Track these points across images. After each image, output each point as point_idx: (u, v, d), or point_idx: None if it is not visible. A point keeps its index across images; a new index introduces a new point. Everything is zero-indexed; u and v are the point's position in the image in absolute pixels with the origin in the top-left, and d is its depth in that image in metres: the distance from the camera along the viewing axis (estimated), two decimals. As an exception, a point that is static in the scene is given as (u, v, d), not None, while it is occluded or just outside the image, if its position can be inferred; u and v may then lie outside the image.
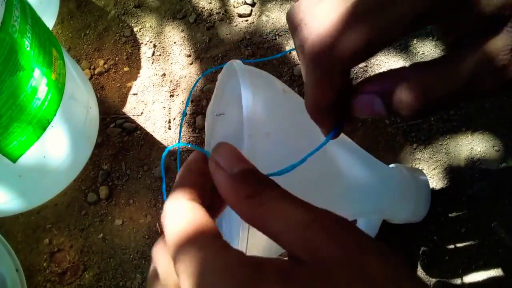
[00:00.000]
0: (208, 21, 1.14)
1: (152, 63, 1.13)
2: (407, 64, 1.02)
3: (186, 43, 1.13)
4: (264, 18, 1.13)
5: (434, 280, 0.88)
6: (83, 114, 0.92)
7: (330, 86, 0.26)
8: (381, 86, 0.25)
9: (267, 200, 0.24)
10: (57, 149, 0.85)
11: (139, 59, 1.14)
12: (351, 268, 0.21)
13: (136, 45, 1.15)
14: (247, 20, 1.13)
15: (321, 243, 0.21)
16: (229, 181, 0.25)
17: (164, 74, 1.11)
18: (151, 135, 1.06)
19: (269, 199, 0.24)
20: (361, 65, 1.03)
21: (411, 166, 0.94)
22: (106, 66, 1.14)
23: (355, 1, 0.24)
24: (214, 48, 1.11)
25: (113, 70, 1.13)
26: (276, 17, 1.12)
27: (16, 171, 0.79)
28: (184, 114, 0.81)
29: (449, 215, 0.90)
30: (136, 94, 1.10)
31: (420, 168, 0.94)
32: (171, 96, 1.08)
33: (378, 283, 0.20)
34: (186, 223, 0.24)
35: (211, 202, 0.29)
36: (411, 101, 0.24)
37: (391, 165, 0.84)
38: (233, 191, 0.25)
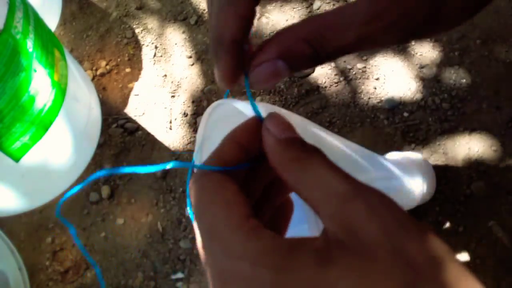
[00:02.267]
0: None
1: (154, 64, 1.14)
2: (405, 65, 1.02)
3: (187, 44, 1.14)
4: (264, 19, 1.14)
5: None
6: (85, 115, 0.93)
7: (236, 7, 0.26)
8: (278, 47, 0.26)
9: (310, 166, 0.23)
10: (59, 149, 0.86)
11: (141, 60, 1.15)
12: (391, 252, 0.19)
13: (138, 47, 1.16)
14: (247, 22, 1.14)
15: (360, 221, 0.20)
16: (277, 144, 0.25)
17: (166, 75, 1.12)
18: (153, 135, 1.07)
19: (312, 165, 0.23)
20: (360, 66, 1.03)
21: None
22: (108, 67, 1.15)
23: None
24: (214, 49, 1.12)
25: (115, 71, 1.15)
26: (276, 18, 1.13)
27: (19, 171, 0.80)
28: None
29: (447, 214, 0.91)
30: (138, 95, 1.11)
31: (418, 168, 0.95)
32: (172, 96, 1.10)
33: (418, 269, 0.19)
34: (215, 200, 0.24)
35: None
36: (307, 52, 0.25)
37: (389, 154, 0.88)
38: (279, 153, 0.24)
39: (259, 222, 0.23)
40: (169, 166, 0.25)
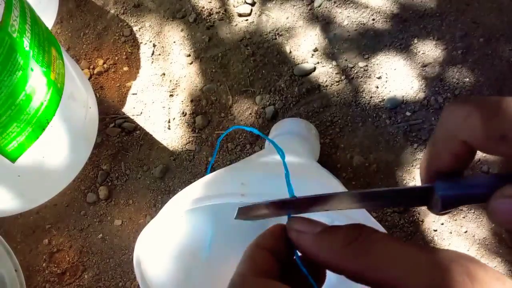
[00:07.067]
0: (208, 20, 1.14)
1: (152, 62, 1.13)
2: (408, 64, 1.01)
3: (185, 42, 1.13)
4: (264, 17, 1.12)
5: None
6: (82, 114, 0.92)
7: (445, 147, 0.23)
8: None
9: (372, 244, 0.21)
10: (56, 149, 0.85)
11: (139, 59, 1.13)
12: None
13: (136, 45, 1.15)
14: (247, 20, 1.13)
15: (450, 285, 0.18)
16: (317, 238, 0.23)
17: (164, 74, 1.11)
18: (151, 135, 1.06)
19: (374, 243, 0.21)
20: (362, 64, 1.02)
21: (410, 164, 0.94)
22: (105, 65, 1.14)
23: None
24: (214, 47, 1.11)
25: (113, 70, 1.13)
26: (276, 16, 1.12)
27: (15, 171, 0.79)
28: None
29: (450, 215, 0.90)
30: (136, 93, 1.10)
31: (420, 168, 0.94)
32: (171, 95, 1.08)
33: None
34: None
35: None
36: None
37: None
38: (326, 245, 0.22)
39: None
40: None
